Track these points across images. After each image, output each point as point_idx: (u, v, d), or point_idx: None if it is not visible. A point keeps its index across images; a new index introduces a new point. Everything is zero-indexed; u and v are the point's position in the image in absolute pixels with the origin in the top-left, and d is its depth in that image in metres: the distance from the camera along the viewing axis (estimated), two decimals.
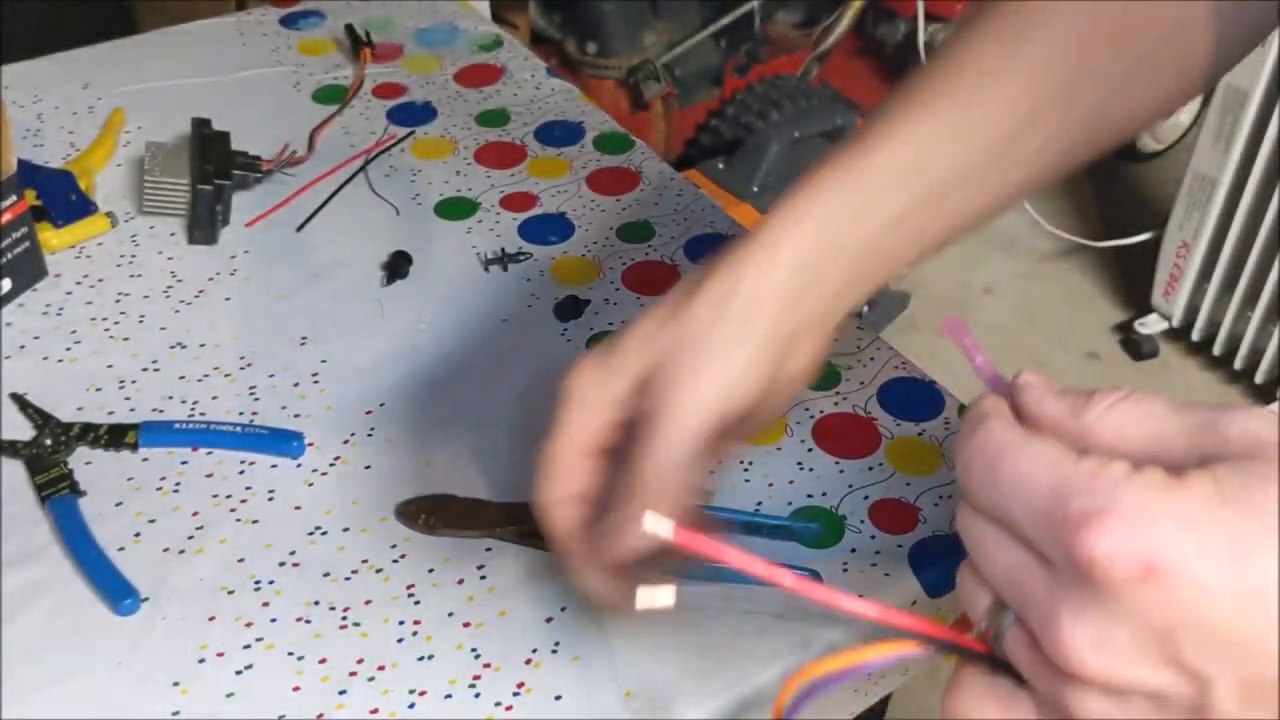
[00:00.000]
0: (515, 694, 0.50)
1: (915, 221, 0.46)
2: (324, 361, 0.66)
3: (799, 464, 0.61)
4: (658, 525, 0.35)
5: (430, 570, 0.55)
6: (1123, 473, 0.28)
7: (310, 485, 0.59)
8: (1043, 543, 0.29)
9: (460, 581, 0.55)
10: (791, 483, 0.60)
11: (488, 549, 0.56)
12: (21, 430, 0.61)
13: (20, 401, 0.63)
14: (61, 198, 0.75)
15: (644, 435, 0.44)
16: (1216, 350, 1.79)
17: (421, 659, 0.51)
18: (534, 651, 0.52)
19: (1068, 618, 0.29)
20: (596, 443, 0.46)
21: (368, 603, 0.54)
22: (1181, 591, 0.27)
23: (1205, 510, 0.27)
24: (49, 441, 0.60)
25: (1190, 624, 0.27)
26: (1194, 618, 0.27)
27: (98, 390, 0.64)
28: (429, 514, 0.57)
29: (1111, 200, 2.19)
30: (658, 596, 0.37)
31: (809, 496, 0.59)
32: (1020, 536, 0.30)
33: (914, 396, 0.65)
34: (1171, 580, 0.27)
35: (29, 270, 0.70)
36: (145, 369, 0.66)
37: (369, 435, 0.62)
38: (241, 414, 0.63)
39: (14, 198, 0.68)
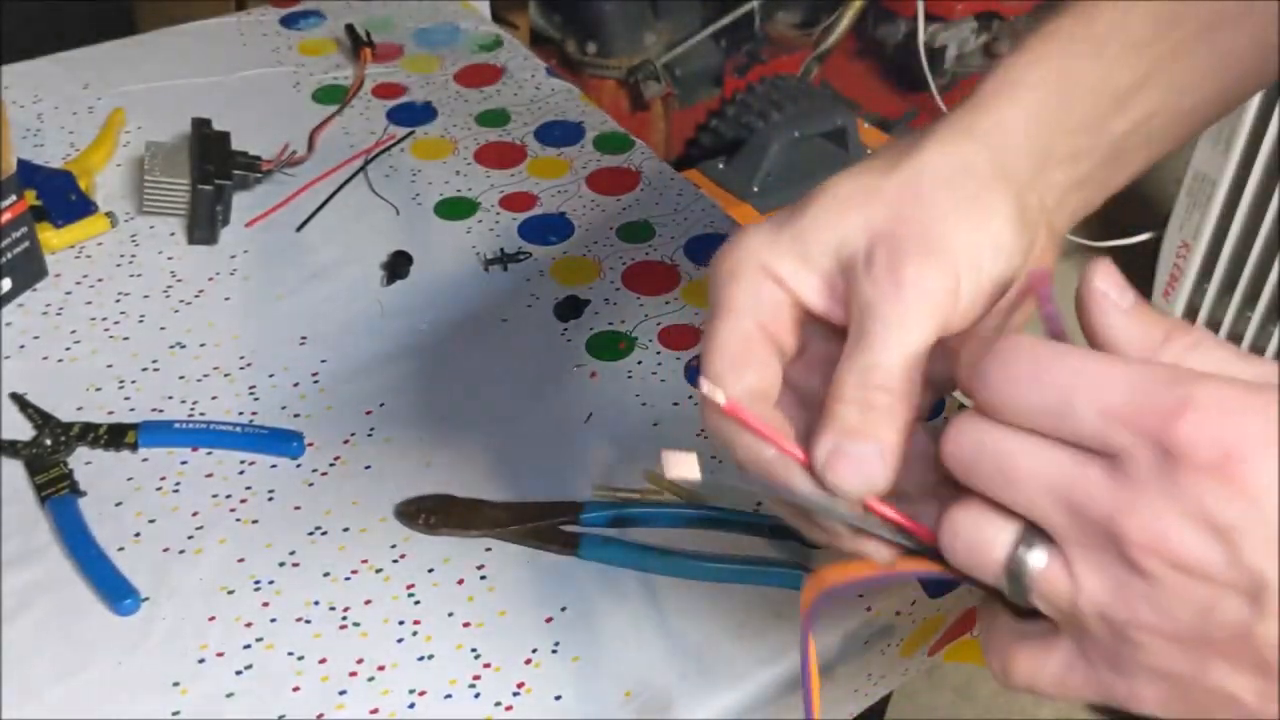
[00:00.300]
0: (515, 694, 0.50)
1: (1146, 99, 0.39)
2: (324, 361, 0.66)
3: None
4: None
5: (430, 570, 0.55)
6: (1202, 373, 0.28)
7: (310, 485, 0.59)
8: (1115, 435, 0.29)
9: (460, 581, 0.55)
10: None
11: (488, 549, 0.56)
12: (21, 430, 0.61)
13: (20, 401, 0.63)
14: (61, 198, 0.75)
15: (862, 329, 0.34)
16: None
17: (421, 659, 0.51)
18: (534, 651, 0.52)
19: (1143, 504, 0.28)
20: (774, 335, 0.36)
21: (368, 603, 0.54)
22: (1252, 484, 0.27)
23: None
24: (49, 441, 0.60)
25: (1256, 519, 0.27)
26: (1261, 513, 0.27)
27: (98, 390, 0.64)
28: (429, 514, 0.57)
29: (1111, 200, 2.18)
30: (684, 465, 0.33)
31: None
32: (1073, 438, 0.29)
33: None
34: (1244, 471, 0.27)
35: (29, 270, 0.70)
36: (145, 369, 0.66)
37: (369, 435, 0.62)
38: (241, 414, 0.63)
39: (14, 198, 0.68)
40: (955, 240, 0.35)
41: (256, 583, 0.54)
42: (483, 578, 0.55)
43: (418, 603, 0.54)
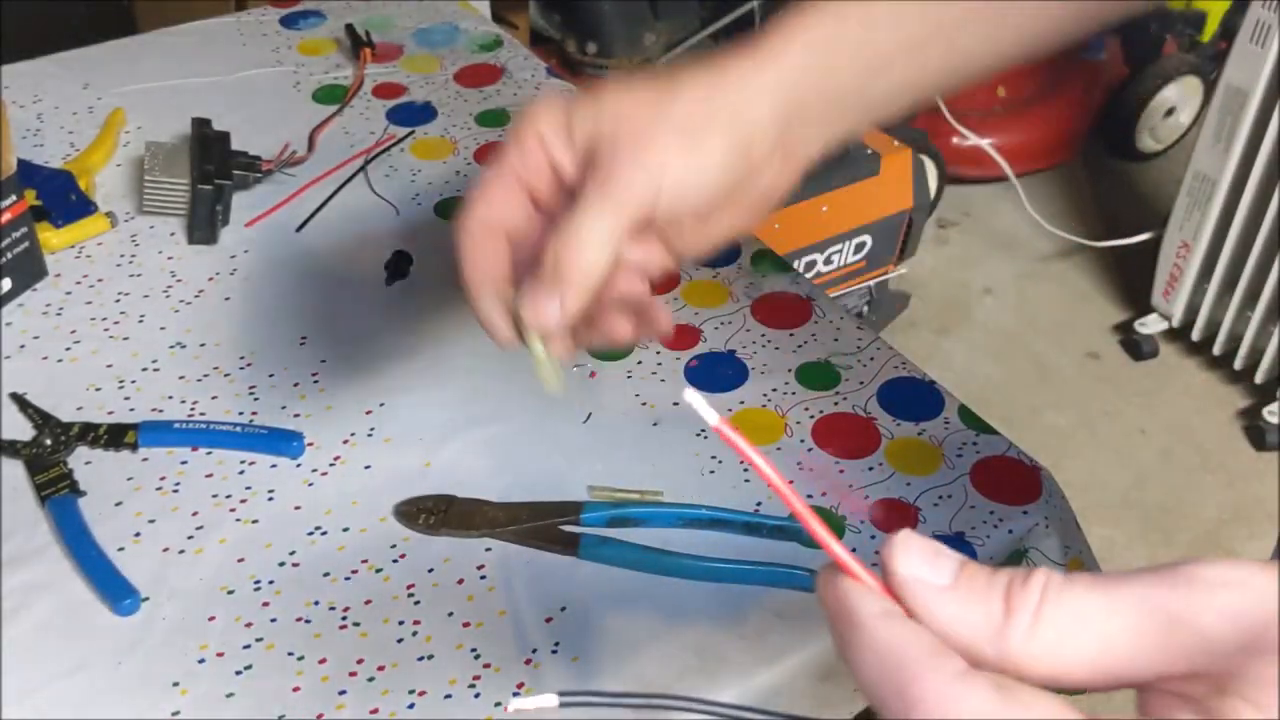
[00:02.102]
0: (515, 694, 0.50)
1: (901, 69, 0.45)
2: (324, 361, 0.66)
3: (799, 464, 0.61)
4: (701, 407, 0.30)
5: (430, 570, 0.55)
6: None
7: (310, 485, 0.59)
8: None
9: (460, 581, 0.55)
10: (791, 483, 0.60)
11: (488, 549, 0.56)
12: (21, 430, 0.61)
13: (20, 401, 0.63)
14: (61, 198, 0.75)
15: (578, 201, 0.42)
16: (1216, 350, 1.79)
17: (421, 659, 0.51)
18: (534, 651, 0.52)
19: None
20: (533, 181, 0.45)
21: (368, 603, 0.54)
22: None
23: None
24: (49, 441, 0.60)
25: None
26: None
27: (98, 390, 0.64)
28: (429, 514, 0.57)
29: (1111, 200, 2.19)
30: (537, 701, 0.32)
31: (809, 496, 0.59)
32: None
33: (914, 396, 0.65)
34: None
35: (29, 270, 0.70)
36: (145, 369, 0.66)
37: (369, 435, 0.62)
38: (241, 414, 0.63)
39: (14, 198, 0.68)
40: (668, 165, 0.42)
41: (256, 583, 0.54)
42: (483, 578, 0.55)
43: (418, 603, 0.54)
